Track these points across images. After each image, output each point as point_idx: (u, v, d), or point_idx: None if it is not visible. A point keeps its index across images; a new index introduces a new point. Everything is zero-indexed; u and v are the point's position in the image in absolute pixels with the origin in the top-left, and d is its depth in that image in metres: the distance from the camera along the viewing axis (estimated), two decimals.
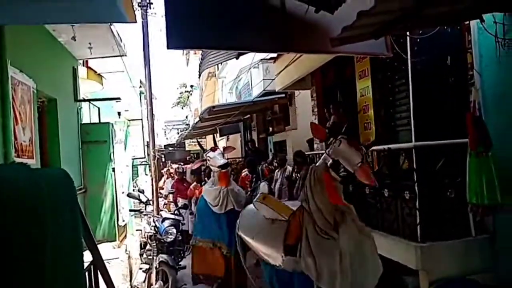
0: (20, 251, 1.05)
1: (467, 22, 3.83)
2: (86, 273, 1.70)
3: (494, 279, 3.56)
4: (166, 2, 2.93)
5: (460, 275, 3.52)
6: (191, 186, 8.61)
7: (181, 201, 8.61)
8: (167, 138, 35.58)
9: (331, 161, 2.90)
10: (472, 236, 3.70)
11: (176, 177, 10.73)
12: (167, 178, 12.18)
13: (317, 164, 3.12)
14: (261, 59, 9.70)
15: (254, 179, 7.54)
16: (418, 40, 3.99)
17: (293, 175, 6.65)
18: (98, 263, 1.85)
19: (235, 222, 4.13)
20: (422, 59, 4.03)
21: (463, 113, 3.56)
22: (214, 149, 5.51)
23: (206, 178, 7.62)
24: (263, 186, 6.72)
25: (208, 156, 5.42)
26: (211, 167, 5.54)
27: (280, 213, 3.21)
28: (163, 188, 10.87)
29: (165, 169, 14.20)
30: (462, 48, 4.06)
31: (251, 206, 3.83)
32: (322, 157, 3.11)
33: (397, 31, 3.60)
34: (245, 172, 8.66)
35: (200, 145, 6.55)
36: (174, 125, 36.32)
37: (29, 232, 1.07)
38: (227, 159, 5.54)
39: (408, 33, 3.94)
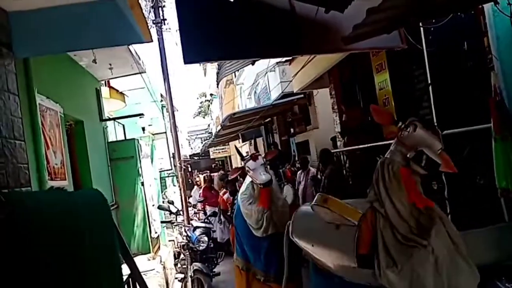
0: (62, 273, 1.13)
1: (481, 6, 3.78)
2: (126, 286, 1.79)
3: None
4: (180, 20, 3.04)
5: (496, 262, 3.46)
6: (224, 197, 8.48)
7: (209, 209, 8.72)
8: (191, 148, 36.07)
9: (412, 152, 2.43)
10: (506, 221, 3.63)
11: (202, 185, 10.91)
12: (194, 187, 12.42)
13: (389, 156, 2.63)
14: (277, 62, 9.75)
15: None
16: (432, 29, 3.96)
17: (318, 175, 6.43)
18: (136, 276, 1.94)
19: (278, 247, 3.75)
20: (438, 47, 4.00)
21: (485, 98, 3.51)
22: (255, 157, 4.60)
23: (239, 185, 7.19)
24: (287, 189, 6.67)
25: (248, 167, 4.59)
26: (251, 177, 4.70)
27: (347, 217, 2.68)
28: (191, 196, 11.08)
29: (195, 178, 14.47)
30: (479, 32, 4.00)
31: (306, 207, 3.31)
32: (392, 148, 2.63)
33: (409, 23, 3.58)
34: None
35: (238, 151, 5.49)
36: (197, 134, 36.80)
37: (70, 254, 1.15)
38: (267, 166, 4.74)
39: (421, 24, 3.92)
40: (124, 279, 1.73)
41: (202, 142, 31.30)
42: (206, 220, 6.54)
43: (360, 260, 2.53)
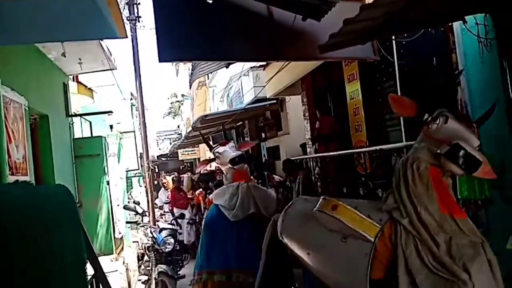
0: (27, 265, 1.08)
1: (451, 24, 3.93)
2: (89, 286, 1.73)
3: None
4: (156, 17, 2.99)
5: None
6: (196, 192, 8.50)
7: (177, 211, 8.60)
8: (159, 149, 35.50)
9: (445, 146, 1.99)
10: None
11: (170, 187, 10.73)
12: (161, 188, 12.22)
13: (414, 153, 2.20)
14: (251, 67, 9.78)
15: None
16: (403, 42, 4.08)
17: (286, 183, 6.26)
18: (100, 276, 1.88)
19: (261, 236, 3.10)
20: (408, 61, 4.12)
21: (451, 112, 3.64)
22: (224, 143, 4.07)
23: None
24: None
25: (217, 152, 3.98)
26: (222, 167, 4.19)
27: (360, 230, 2.19)
28: (157, 197, 10.91)
29: (162, 179, 14.22)
30: (447, 48, 4.15)
31: (303, 203, 2.83)
32: (416, 145, 2.25)
33: (383, 36, 3.69)
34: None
35: (205, 140, 5.12)
36: (166, 135, 36.27)
37: (36, 248, 1.11)
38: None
39: (393, 37, 4.03)
40: (88, 279, 1.67)
41: (171, 143, 30.89)
42: (172, 222, 6.43)
43: (373, 286, 2.04)
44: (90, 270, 1.87)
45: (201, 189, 8.53)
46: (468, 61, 3.80)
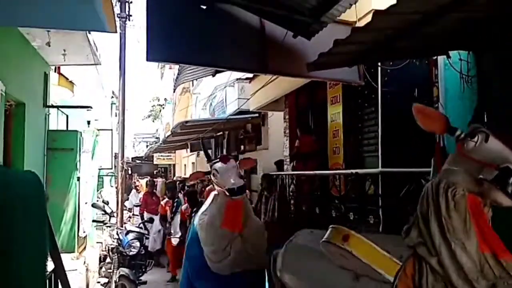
0: None
1: (435, 57, 4.06)
2: (47, 281, 1.66)
3: None
4: (148, 16, 2.97)
5: None
6: (162, 202, 8.11)
7: (147, 216, 8.43)
8: (135, 151, 34.94)
9: (492, 170, 1.63)
10: None
11: (141, 191, 10.51)
12: (132, 190, 11.99)
13: (448, 177, 1.81)
14: (237, 79, 9.82)
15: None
16: (388, 70, 4.17)
17: (262, 198, 5.89)
18: (60, 272, 1.81)
19: None
20: (391, 89, 4.21)
21: (428, 143, 3.73)
22: (225, 159, 3.55)
23: (202, 198, 6.32)
24: None
25: (215, 170, 3.47)
26: (216, 186, 3.60)
27: (376, 267, 1.86)
28: (127, 199, 10.69)
29: (135, 182, 13.94)
30: (429, 81, 4.27)
31: (307, 236, 2.54)
32: (447, 166, 1.88)
33: (370, 61, 3.76)
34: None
35: (205, 149, 4.48)
36: (143, 138, 35.77)
37: None
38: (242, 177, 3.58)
39: (379, 63, 4.12)
40: (47, 274, 1.60)
41: (147, 146, 30.47)
42: (140, 226, 6.30)
43: None
44: (50, 265, 1.79)
45: (167, 199, 7.89)
46: (448, 95, 3.91)
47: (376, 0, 4.31)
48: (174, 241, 6.75)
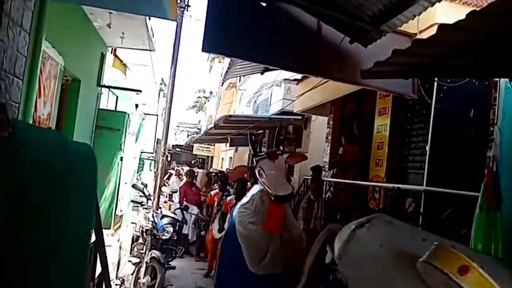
0: (42, 210, 1.07)
1: (497, 79, 3.85)
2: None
3: None
4: (209, 8, 3.01)
5: None
6: (211, 192, 8.09)
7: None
8: (176, 139, 35.77)
9: None
10: None
11: (183, 179, 10.47)
12: (176, 177, 11.98)
13: None
14: (285, 79, 9.79)
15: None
16: (445, 87, 4.01)
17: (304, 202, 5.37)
18: (100, 245, 1.87)
19: None
20: (445, 106, 4.05)
21: (477, 168, 3.55)
22: (273, 155, 3.28)
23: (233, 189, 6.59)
24: None
25: (261, 168, 3.27)
26: (263, 185, 3.31)
27: None
28: (167, 184, 10.76)
29: (174, 169, 14.09)
30: (487, 103, 4.06)
31: (384, 226, 2.00)
32: None
33: (427, 75, 3.63)
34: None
35: (252, 142, 4.16)
36: (185, 127, 36.55)
37: (53, 193, 1.10)
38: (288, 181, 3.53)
39: (436, 78, 3.97)
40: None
41: (188, 136, 31.09)
42: (175, 212, 6.43)
43: None
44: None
45: (217, 190, 7.91)
46: (506, 120, 3.70)
47: (441, 13, 4.16)
48: (216, 234, 6.38)
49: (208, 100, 31.25)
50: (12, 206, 1.00)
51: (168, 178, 12.64)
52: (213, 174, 11.48)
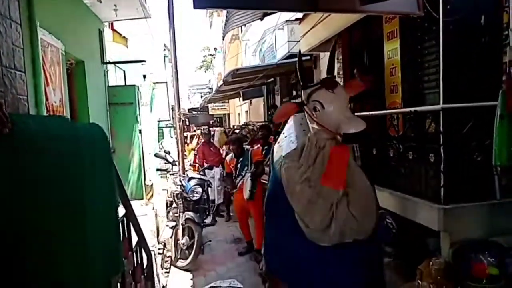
0: (61, 196, 1.13)
1: None
2: (120, 224, 1.81)
3: None
4: None
5: (483, 237, 3.53)
6: (227, 158, 6.44)
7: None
8: (190, 102, 35.87)
9: None
10: (497, 199, 3.68)
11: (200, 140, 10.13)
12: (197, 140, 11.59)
13: None
14: (286, 21, 9.50)
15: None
16: None
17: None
18: (130, 216, 1.96)
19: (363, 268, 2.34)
20: (454, 18, 3.87)
21: (494, 76, 3.45)
22: (331, 83, 2.50)
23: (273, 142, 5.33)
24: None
25: (316, 100, 2.45)
26: (321, 124, 2.48)
27: None
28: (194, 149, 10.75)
29: (197, 132, 14.05)
30: (499, 6, 3.86)
31: None
32: None
33: None
34: (257, 146, 6.91)
35: (301, 69, 2.81)
36: (197, 89, 36.49)
37: (71, 181, 1.15)
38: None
39: None
40: (119, 218, 1.75)
41: (201, 97, 31.09)
42: (201, 173, 6.59)
43: None
44: (122, 210, 1.95)
45: (232, 154, 6.17)
46: None
47: None
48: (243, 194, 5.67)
49: (214, 57, 30.83)
50: (28, 198, 1.05)
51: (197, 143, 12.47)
52: (232, 131, 11.24)
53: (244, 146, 6.18)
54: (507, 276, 3.28)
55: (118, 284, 1.68)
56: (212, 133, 9.76)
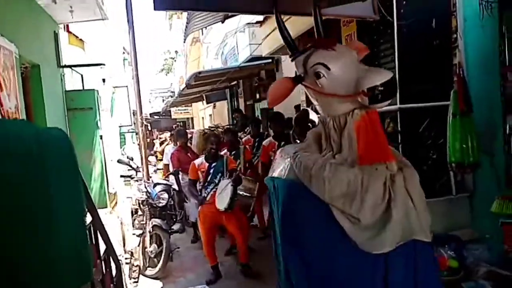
0: (24, 199, 1.10)
1: None
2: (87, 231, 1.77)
3: (472, 235, 3.77)
4: None
5: (442, 232, 3.71)
6: (195, 162, 5.26)
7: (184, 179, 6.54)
8: (152, 107, 35.25)
9: None
10: (453, 194, 3.88)
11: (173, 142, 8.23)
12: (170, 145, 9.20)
13: None
14: (247, 23, 9.56)
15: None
16: (404, 2, 4.00)
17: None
18: (97, 223, 1.92)
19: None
20: (407, 22, 4.05)
21: (445, 76, 3.65)
22: (329, 41, 2.04)
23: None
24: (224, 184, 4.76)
25: (321, 64, 1.91)
26: (331, 94, 1.92)
27: None
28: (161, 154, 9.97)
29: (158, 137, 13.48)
30: (447, 11, 4.09)
31: None
32: None
33: None
34: (247, 137, 6.77)
35: (283, 31, 2.29)
36: (159, 92, 35.92)
37: (36, 186, 1.12)
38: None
39: None
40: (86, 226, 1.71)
41: (163, 101, 30.65)
42: (166, 179, 6.49)
43: None
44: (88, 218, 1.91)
45: (202, 158, 5.23)
46: (468, 25, 3.75)
47: None
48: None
49: (175, 60, 30.47)
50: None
51: (162, 151, 11.49)
52: (213, 131, 8.73)
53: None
54: (465, 268, 3.47)
55: None
56: (188, 135, 7.65)
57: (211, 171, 4.94)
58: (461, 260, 3.39)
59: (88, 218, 1.91)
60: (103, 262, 2.01)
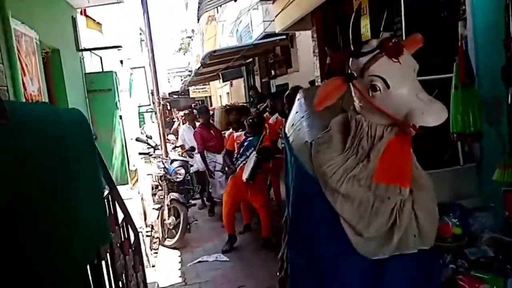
0: (50, 175, 1.29)
1: None
2: (105, 201, 1.97)
3: (478, 204, 3.84)
4: None
5: (447, 201, 3.80)
6: (234, 134, 5.65)
7: (210, 157, 6.74)
8: (170, 86, 35.50)
9: None
10: (461, 165, 3.94)
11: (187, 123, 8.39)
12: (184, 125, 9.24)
13: None
14: (260, 0, 9.54)
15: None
16: None
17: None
18: (115, 194, 2.12)
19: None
20: None
21: (453, 48, 3.66)
22: (395, 48, 1.73)
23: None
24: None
25: (376, 76, 1.69)
26: (382, 108, 1.73)
27: None
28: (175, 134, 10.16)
29: (179, 114, 13.23)
30: None
31: None
32: None
33: None
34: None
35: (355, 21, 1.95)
36: (177, 72, 36.09)
37: (58, 161, 1.30)
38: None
39: None
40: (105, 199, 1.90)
41: (181, 80, 30.83)
42: (184, 155, 6.72)
43: None
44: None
45: (231, 130, 5.83)
46: None
47: None
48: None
49: (192, 40, 30.48)
50: (25, 179, 1.18)
51: (176, 131, 11.56)
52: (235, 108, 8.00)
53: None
54: (469, 234, 3.57)
55: (107, 253, 1.86)
56: (210, 111, 7.49)
57: (245, 143, 5.05)
58: (465, 227, 3.49)
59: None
60: (121, 229, 2.22)
